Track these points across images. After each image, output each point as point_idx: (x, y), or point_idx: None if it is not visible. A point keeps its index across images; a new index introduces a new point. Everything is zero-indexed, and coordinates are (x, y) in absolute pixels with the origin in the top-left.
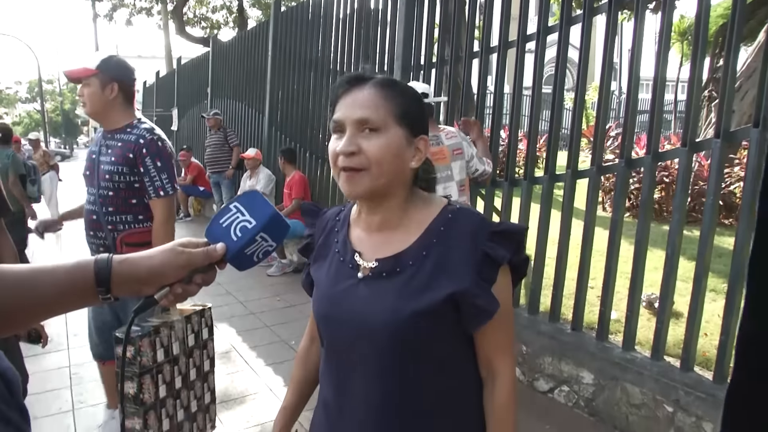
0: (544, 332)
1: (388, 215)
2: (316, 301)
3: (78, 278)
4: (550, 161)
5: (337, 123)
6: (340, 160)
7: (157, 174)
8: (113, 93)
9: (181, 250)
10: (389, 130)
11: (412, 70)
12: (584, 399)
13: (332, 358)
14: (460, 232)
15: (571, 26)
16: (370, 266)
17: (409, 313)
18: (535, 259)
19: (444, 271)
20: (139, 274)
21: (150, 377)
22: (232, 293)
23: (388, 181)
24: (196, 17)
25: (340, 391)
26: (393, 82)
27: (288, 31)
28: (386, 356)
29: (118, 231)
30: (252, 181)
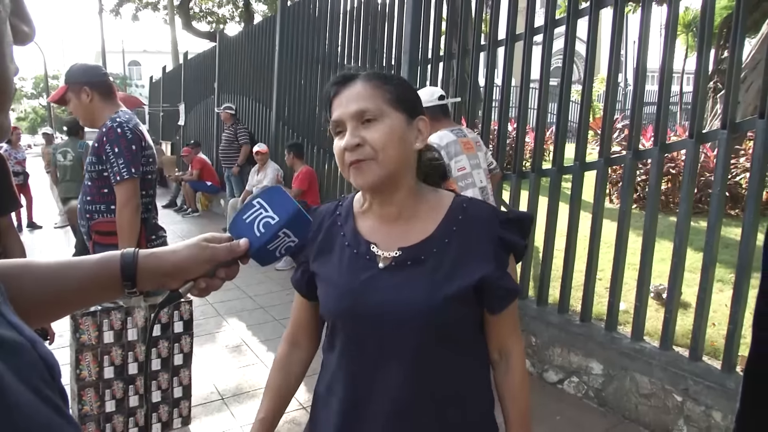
0: (553, 323)
1: (402, 204)
2: (332, 298)
3: (104, 272)
4: (557, 153)
5: (336, 122)
6: (346, 156)
7: (115, 159)
8: (89, 97)
9: (206, 245)
10: (388, 116)
11: (419, 64)
12: (593, 389)
13: (352, 355)
14: (476, 220)
15: (578, 19)
16: (392, 255)
17: (442, 298)
18: (543, 251)
19: (468, 257)
20: (164, 268)
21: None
22: (242, 287)
23: (397, 165)
24: (203, 12)
25: (363, 388)
26: (380, 74)
27: (295, 25)
28: (422, 342)
29: (93, 219)
30: (260, 175)
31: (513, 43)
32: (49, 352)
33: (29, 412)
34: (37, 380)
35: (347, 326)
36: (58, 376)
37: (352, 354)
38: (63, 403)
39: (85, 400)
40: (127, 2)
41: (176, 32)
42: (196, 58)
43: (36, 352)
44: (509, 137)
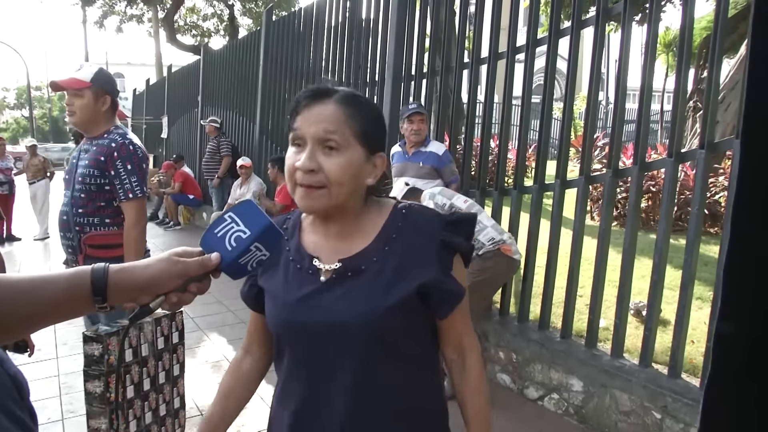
0: (534, 340)
1: (344, 224)
2: (275, 311)
3: (75, 287)
4: (539, 171)
5: (297, 136)
6: (298, 175)
7: (128, 177)
8: (105, 105)
9: (177, 260)
10: (349, 149)
11: (403, 80)
12: (574, 406)
13: (298, 369)
14: (416, 225)
15: (559, 38)
16: (332, 268)
17: (383, 308)
18: (524, 268)
19: (409, 264)
20: (135, 283)
21: (117, 377)
22: (223, 302)
23: (345, 198)
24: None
25: (309, 401)
26: (356, 99)
27: (279, 40)
28: (363, 354)
29: (84, 233)
30: (243, 189)
31: (496, 61)
32: (18, 371)
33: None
34: (6, 399)
35: (290, 339)
36: (27, 395)
37: (296, 367)
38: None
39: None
40: (111, 14)
41: (161, 45)
42: (181, 71)
43: (4, 370)
44: (491, 154)
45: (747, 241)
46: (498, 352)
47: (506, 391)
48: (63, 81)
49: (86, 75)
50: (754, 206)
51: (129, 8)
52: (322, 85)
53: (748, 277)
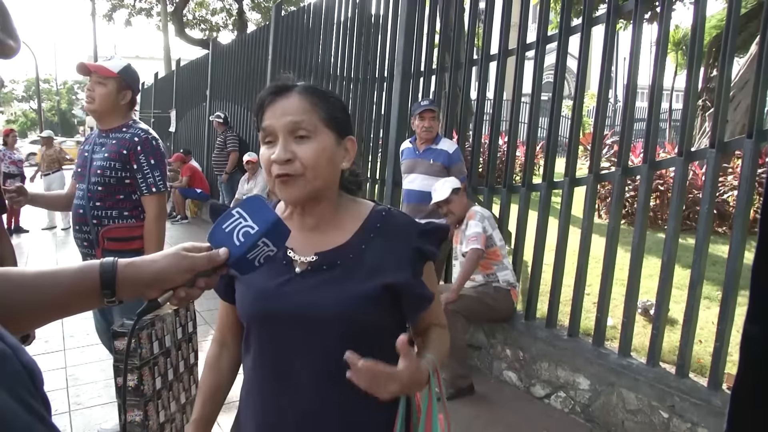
0: (541, 338)
1: (322, 215)
2: (248, 300)
3: (83, 281)
4: (547, 168)
5: (267, 131)
6: (274, 168)
7: (150, 171)
8: (125, 99)
9: (185, 255)
10: (320, 135)
11: (412, 77)
12: (580, 405)
13: (268, 358)
14: (394, 229)
15: (570, 36)
16: (308, 260)
17: (353, 298)
18: (532, 266)
19: (382, 263)
20: (143, 278)
21: (148, 369)
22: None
23: (323, 183)
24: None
25: (280, 390)
26: (316, 90)
27: (288, 35)
28: (332, 345)
29: (102, 225)
30: (250, 184)
31: (505, 58)
32: (32, 360)
33: (11, 418)
34: (20, 388)
35: (262, 328)
36: (41, 384)
37: (266, 356)
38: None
39: (150, 415)
40: (120, 8)
41: (169, 39)
42: (189, 65)
43: (18, 360)
44: (500, 151)
45: None
46: (505, 349)
47: (513, 389)
48: (92, 65)
49: (115, 66)
50: None
51: (138, 1)
52: (281, 82)
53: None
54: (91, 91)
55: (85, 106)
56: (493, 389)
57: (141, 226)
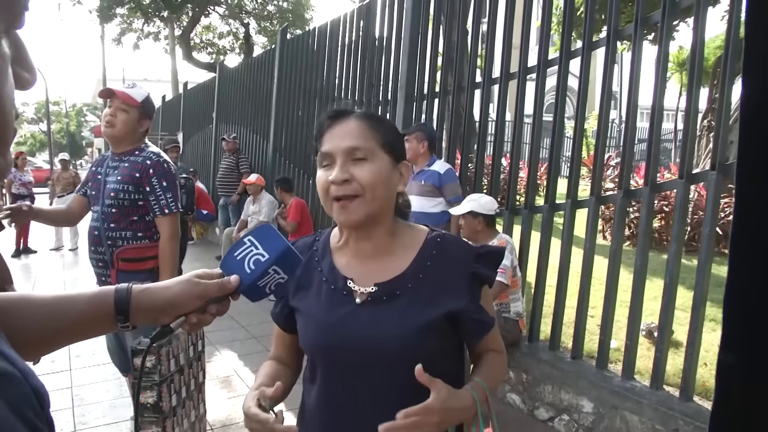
0: (545, 360)
1: (379, 241)
2: (310, 333)
3: (98, 306)
4: (550, 190)
5: (326, 154)
6: (332, 189)
7: (163, 193)
8: (143, 128)
9: (197, 282)
10: (377, 158)
11: (415, 100)
12: (584, 428)
13: (332, 388)
14: (450, 255)
15: (570, 59)
16: (368, 291)
17: (414, 329)
18: (535, 288)
19: (441, 291)
20: (156, 304)
21: (166, 386)
22: (234, 317)
23: (380, 206)
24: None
25: (343, 420)
26: (374, 115)
27: (293, 59)
28: (396, 375)
29: (116, 246)
30: (255, 206)
31: (507, 81)
32: (41, 383)
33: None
34: (27, 410)
35: (326, 360)
36: (47, 407)
37: (331, 386)
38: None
39: None
40: (129, 32)
41: (176, 62)
42: (196, 88)
43: (28, 383)
44: (503, 172)
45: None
46: (508, 371)
47: (516, 412)
48: (119, 92)
49: (138, 95)
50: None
51: (146, 25)
52: (340, 107)
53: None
54: (113, 116)
55: (103, 130)
56: (497, 412)
57: (154, 247)
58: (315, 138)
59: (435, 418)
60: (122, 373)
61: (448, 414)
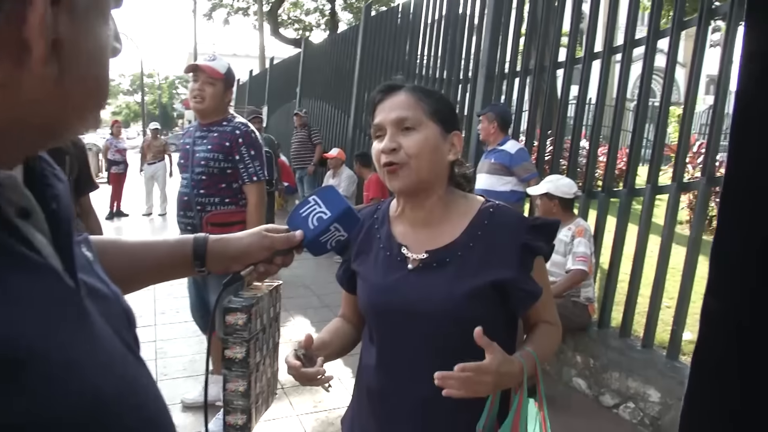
0: (613, 347)
1: (432, 210)
2: (366, 293)
3: (179, 252)
4: (630, 174)
5: (377, 126)
6: (382, 157)
7: (251, 161)
8: (227, 98)
9: (266, 235)
10: (424, 127)
11: (495, 78)
12: (650, 417)
13: (386, 348)
14: (502, 226)
15: (658, 39)
16: (420, 258)
17: (460, 295)
18: (608, 274)
19: (490, 260)
20: (229, 253)
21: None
22: (310, 286)
23: (428, 173)
24: (290, 19)
25: (395, 376)
26: (422, 87)
27: (377, 35)
28: (441, 338)
29: (205, 211)
30: (335, 180)
31: (591, 61)
32: (130, 307)
33: (110, 345)
34: (119, 325)
35: (380, 320)
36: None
37: (384, 345)
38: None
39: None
40: (219, 7)
41: (264, 38)
42: (281, 64)
43: (119, 304)
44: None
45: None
46: (575, 356)
47: (581, 396)
48: (204, 65)
49: (221, 67)
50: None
51: (236, 1)
52: (391, 81)
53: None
54: (201, 90)
55: (192, 105)
56: (561, 395)
57: (240, 212)
58: (369, 113)
59: (488, 379)
60: (202, 331)
61: (500, 377)
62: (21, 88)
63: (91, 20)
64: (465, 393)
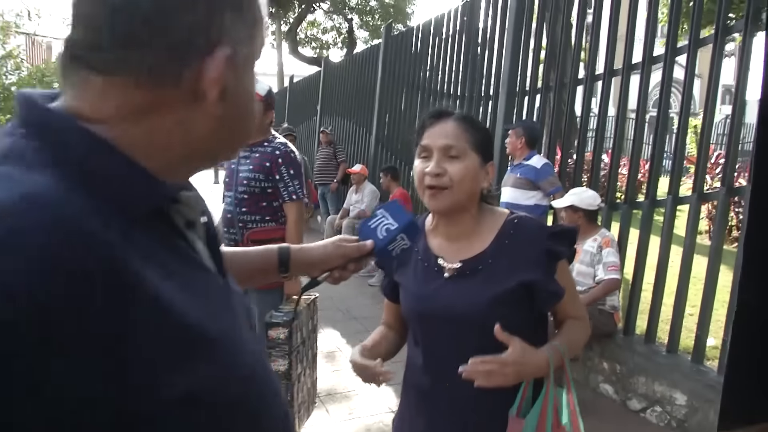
0: (639, 353)
1: (464, 225)
2: (409, 301)
3: (267, 259)
4: (651, 186)
5: (424, 147)
6: (427, 179)
7: (291, 181)
8: (268, 119)
9: (340, 244)
10: (468, 157)
11: (517, 95)
12: (676, 420)
13: (425, 350)
14: (526, 235)
15: (676, 56)
16: (455, 267)
17: (493, 298)
18: (632, 283)
19: (517, 266)
20: (309, 260)
21: (295, 356)
22: (335, 301)
23: (466, 198)
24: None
25: (433, 378)
26: (470, 118)
27: (398, 54)
28: (474, 340)
29: (246, 228)
30: (357, 195)
31: (611, 78)
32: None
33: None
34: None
35: (421, 325)
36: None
37: (428, 347)
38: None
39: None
40: None
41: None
42: (301, 82)
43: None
44: (603, 168)
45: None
46: (602, 362)
47: (609, 402)
48: None
49: (261, 90)
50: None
51: None
52: (442, 108)
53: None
54: None
55: None
56: (589, 400)
57: (279, 229)
58: (417, 132)
59: (508, 370)
60: None
61: (521, 368)
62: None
63: (246, 72)
64: (489, 383)
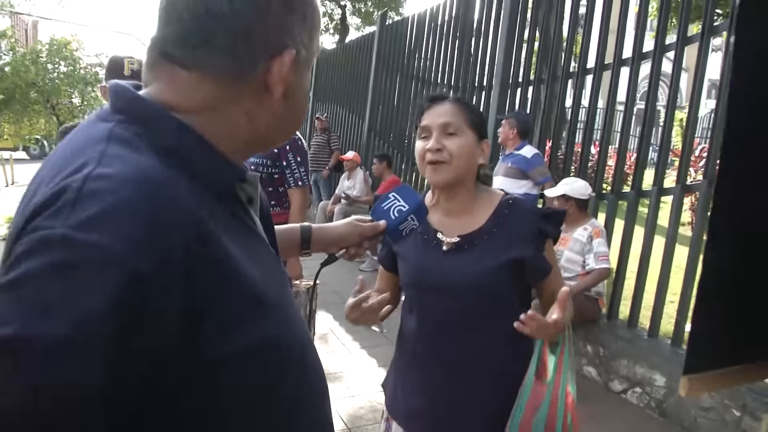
0: (622, 337)
1: (462, 201)
2: (408, 272)
3: (290, 237)
4: (637, 177)
5: (424, 128)
6: (428, 155)
7: (297, 167)
8: None
9: (356, 224)
10: (464, 133)
11: (510, 87)
12: (655, 400)
13: (419, 316)
14: (519, 215)
15: (664, 53)
16: (453, 241)
17: (487, 271)
18: (617, 271)
19: (510, 242)
20: (327, 238)
21: None
22: (328, 284)
23: (463, 172)
24: None
25: (426, 342)
26: (463, 100)
27: (392, 43)
28: (470, 307)
29: None
30: (349, 182)
31: (601, 72)
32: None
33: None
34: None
35: (417, 295)
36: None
37: (424, 314)
38: None
39: None
40: None
41: None
42: None
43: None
44: (591, 159)
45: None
46: (586, 345)
47: (591, 383)
48: None
49: None
50: None
51: None
52: (438, 93)
53: None
54: None
55: None
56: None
57: (283, 214)
58: (416, 116)
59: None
60: None
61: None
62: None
63: (305, 72)
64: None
